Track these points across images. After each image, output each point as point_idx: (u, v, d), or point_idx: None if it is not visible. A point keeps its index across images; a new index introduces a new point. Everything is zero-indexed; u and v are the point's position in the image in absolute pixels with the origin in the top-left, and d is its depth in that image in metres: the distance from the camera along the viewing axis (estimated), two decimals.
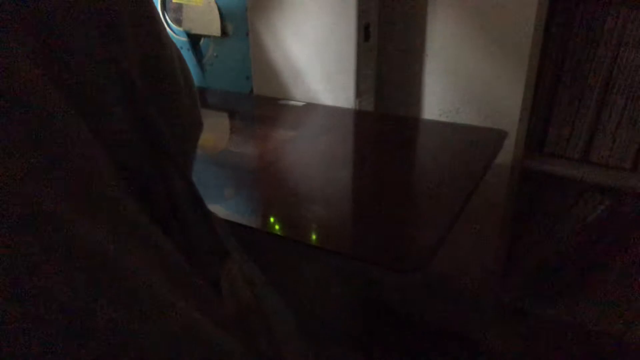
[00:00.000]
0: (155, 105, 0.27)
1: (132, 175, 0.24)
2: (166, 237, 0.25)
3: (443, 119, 0.98)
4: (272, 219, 0.57)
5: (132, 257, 0.21)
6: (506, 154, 0.94)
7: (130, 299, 0.19)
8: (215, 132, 0.90)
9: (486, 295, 1.11)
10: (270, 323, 0.32)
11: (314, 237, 0.52)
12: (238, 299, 0.29)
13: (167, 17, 1.07)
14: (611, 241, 1.03)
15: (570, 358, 1.08)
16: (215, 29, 1.02)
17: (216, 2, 1.00)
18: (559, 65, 0.96)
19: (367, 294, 1.19)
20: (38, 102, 0.18)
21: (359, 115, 0.91)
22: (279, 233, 0.53)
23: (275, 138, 0.83)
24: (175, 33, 1.07)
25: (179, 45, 1.09)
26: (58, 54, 0.20)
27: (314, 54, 0.91)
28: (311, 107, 0.94)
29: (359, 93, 0.90)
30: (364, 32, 0.87)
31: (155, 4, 1.07)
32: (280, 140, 0.81)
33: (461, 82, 0.94)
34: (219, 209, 0.56)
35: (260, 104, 1.00)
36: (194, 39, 1.07)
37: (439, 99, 0.98)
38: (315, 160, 0.73)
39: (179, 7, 1.05)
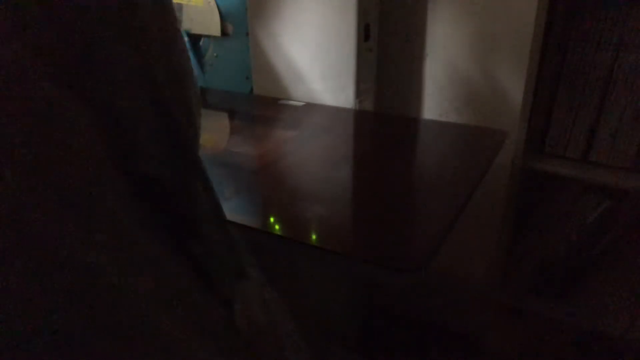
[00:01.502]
0: (180, 108, 0.26)
1: (153, 187, 0.24)
2: (181, 255, 0.24)
3: (443, 119, 0.98)
4: (272, 219, 0.57)
5: (138, 287, 0.20)
6: (506, 154, 0.94)
7: (130, 331, 0.19)
8: (215, 132, 0.90)
9: (486, 295, 1.11)
10: (283, 345, 0.31)
11: (314, 237, 0.52)
12: (251, 320, 0.29)
13: None
14: (611, 241, 1.03)
15: (570, 358, 1.07)
16: (215, 29, 1.02)
17: (216, 2, 1.00)
18: (559, 65, 0.96)
19: (367, 294, 1.19)
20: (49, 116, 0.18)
21: (358, 115, 0.91)
22: (279, 233, 0.53)
23: (275, 138, 0.83)
24: None
25: None
26: (83, 64, 0.20)
27: (314, 54, 0.91)
28: (311, 107, 0.94)
29: (358, 93, 0.90)
30: (364, 32, 0.87)
31: None
32: (280, 140, 0.80)
33: (461, 82, 0.94)
34: None
35: (260, 104, 1.00)
36: (194, 39, 1.07)
37: (439, 99, 0.98)
38: (315, 160, 0.73)
39: (179, 7, 1.05)
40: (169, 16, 0.26)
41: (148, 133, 0.24)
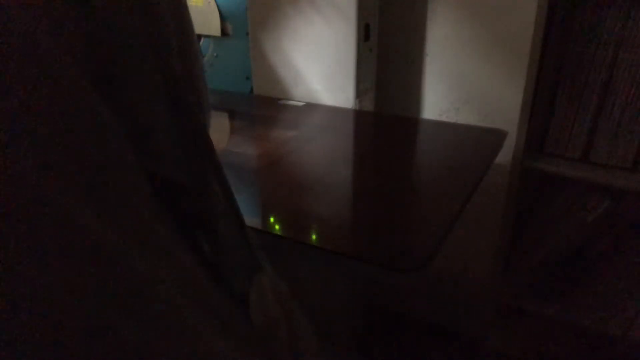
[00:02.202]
0: (196, 107, 0.27)
1: (167, 184, 0.24)
2: (192, 251, 0.24)
3: (443, 119, 0.98)
4: (272, 219, 0.57)
5: (159, 274, 0.20)
6: (506, 154, 0.94)
7: (151, 318, 0.19)
8: (215, 132, 0.90)
9: (486, 295, 1.11)
10: (295, 336, 0.32)
11: (314, 237, 0.52)
12: (266, 312, 0.29)
13: None
14: (611, 241, 1.03)
15: (570, 358, 1.08)
16: (215, 29, 1.02)
17: (216, 2, 1.00)
18: (559, 65, 0.96)
19: (367, 294, 1.19)
20: (70, 99, 0.18)
21: (358, 115, 0.91)
22: (279, 233, 0.53)
23: (275, 138, 0.83)
24: None
25: None
26: (103, 55, 0.20)
27: (313, 54, 0.91)
28: (311, 107, 0.94)
29: (358, 93, 0.90)
30: (364, 32, 0.87)
31: None
32: (280, 141, 0.80)
33: (461, 82, 0.94)
34: None
35: (260, 104, 1.00)
36: None
37: (439, 99, 0.98)
38: (315, 161, 0.73)
39: None
40: (183, 11, 0.26)
41: (166, 132, 0.24)
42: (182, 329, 0.21)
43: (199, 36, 1.07)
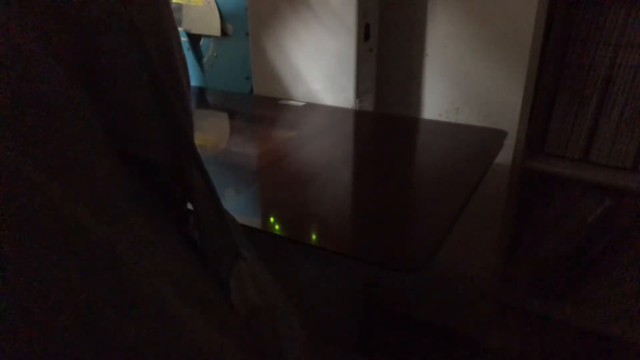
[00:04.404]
0: (175, 96, 0.27)
1: (150, 170, 0.25)
2: (180, 236, 0.25)
3: (443, 119, 0.98)
4: (272, 219, 0.57)
5: (143, 263, 0.21)
6: (506, 154, 0.94)
7: (134, 303, 0.19)
8: (215, 132, 0.90)
9: (486, 295, 1.11)
10: (277, 325, 0.32)
11: (314, 237, 0.52)
12: (246, 300, 0.29)
13: None
14: (611, 241, 1.03)
15: (570, 358, 1.08)
16: (215, 29, 1.03)
17: (216, 2, 1.00)
18: (559, 65, 0.96)
19: (367, 294, 1.19)
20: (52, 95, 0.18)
21: (358, 115, 0.91)
22: (279, 233, 0.53)
23: (275, 138, 0.83)
24: None
25: None
26: (82, 48, 0.21)
27: (314, 54, 0.91)
28: (311, 107, 0.94)
29: (358, 93, 0.90)
30: (364, 32, 0.87)
31: None
32: (280, 140, 0.81)
33: (461, 82, 0.94)
34: None
35: (260, 104, 1.00)
36: (194, 39, 1.07)
37: (439, 99, 0.98)
38: (315, 161, 0.73)
39: (179, 7, 1.05)
40: (160, 6, 0.27)
41: (146, 119, 0.25)
42: (165, 315, 0.21)
43: (199, 36, 1.07)
